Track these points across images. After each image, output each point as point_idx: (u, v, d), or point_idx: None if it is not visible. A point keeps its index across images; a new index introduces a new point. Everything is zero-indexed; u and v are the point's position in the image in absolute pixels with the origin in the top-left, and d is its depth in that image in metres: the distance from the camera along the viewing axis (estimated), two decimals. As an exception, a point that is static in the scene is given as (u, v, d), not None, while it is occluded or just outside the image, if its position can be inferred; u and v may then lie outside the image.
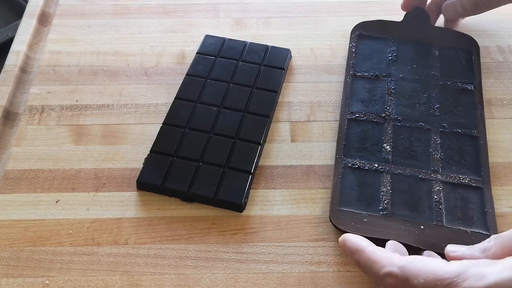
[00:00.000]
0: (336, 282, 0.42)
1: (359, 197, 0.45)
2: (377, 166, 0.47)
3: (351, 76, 0.54)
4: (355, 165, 0.47)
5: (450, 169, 0.47)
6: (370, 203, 0.45)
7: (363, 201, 0.45)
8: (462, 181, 0.46)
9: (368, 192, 0.46)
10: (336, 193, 0.46)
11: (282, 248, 0.44)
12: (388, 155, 0.48)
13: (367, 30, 0.58)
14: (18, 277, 0.42)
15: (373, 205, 0.45)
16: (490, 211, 0.44)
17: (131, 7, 0.63)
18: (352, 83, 0.54)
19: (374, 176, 0.47)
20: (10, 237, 0.44)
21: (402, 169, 0.47)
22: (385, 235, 0.42)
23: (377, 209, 0.44)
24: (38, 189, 0.47)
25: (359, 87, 0.53)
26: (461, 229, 0.43)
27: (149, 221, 0.45)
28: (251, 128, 0.50)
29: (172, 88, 0.55)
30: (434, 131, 0.50)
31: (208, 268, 0.43)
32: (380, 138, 0.49)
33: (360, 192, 0.46)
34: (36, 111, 0.53)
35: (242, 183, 0.46)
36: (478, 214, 0.44)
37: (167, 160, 0.48)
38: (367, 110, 0.51)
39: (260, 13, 0.63)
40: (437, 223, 0.44)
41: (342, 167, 0.47)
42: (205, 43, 0.58)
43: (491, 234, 0.43)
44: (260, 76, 0.54)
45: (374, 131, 0.50)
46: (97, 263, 0.43)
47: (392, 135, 0.49)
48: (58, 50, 0.59)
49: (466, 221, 0.44)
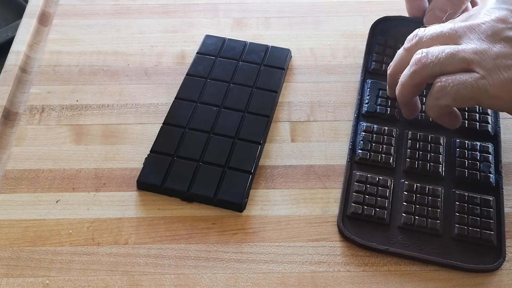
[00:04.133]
0: (336, 282, 0.42)
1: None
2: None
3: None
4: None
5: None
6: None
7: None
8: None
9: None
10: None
11: (282, 248, 0.44)
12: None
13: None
14: (18, 277, 0.42)
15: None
16: None
17: (131, 7, 0.63)
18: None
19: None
20: (10, 237, 0.44)
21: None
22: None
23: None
24: (38, 189, 0.47)
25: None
26: None
27: (149, 221, 0.45)
28: (251, 128, 0.50)
29: (172, 88, 0.55)
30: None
31: (208, 268, 0.43)
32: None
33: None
34: (36, 111, 0.53)
35: (242, 183, 0.46)
36: None
37: (167, 160, 0.48)
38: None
39: (260, 13, 0.63)
40: None
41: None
42: (205, 43, 0.58)
43: None
44: (260, 76, 0.54)
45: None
46: (97, 263, 0.43)
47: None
48: (58, 50, 0.59)
49: None
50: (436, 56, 0.41)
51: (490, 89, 0.38)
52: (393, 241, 0.43)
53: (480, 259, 0.42)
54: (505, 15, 0.40)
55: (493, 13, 0.41)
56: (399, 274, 0.42)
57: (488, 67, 0.38)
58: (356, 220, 0.45)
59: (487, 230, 0.43)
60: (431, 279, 0.42)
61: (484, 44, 0.39)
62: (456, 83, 0.40)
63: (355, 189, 0.46)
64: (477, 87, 0.39)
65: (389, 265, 0.43)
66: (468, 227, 0.44)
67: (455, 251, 0.43)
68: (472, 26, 0.41)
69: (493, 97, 0.39)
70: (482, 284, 0.42)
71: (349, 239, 0.44)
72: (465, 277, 0.42)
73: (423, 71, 0.42)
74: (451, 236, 0.44)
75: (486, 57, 0.39)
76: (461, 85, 0.39)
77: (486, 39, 0.40)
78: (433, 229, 0.44)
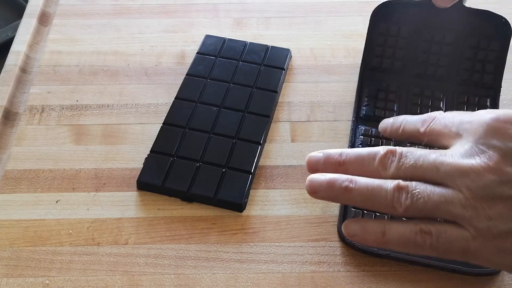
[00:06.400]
0: (336, 282, 0.42)
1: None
2: None
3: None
4: None
5: None
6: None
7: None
8: None
9: None
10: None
11: (282, 248, 0.44)
12: None
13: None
14: (18, 277, 0.42)
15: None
16: None
17: (131, 7, 0.63)
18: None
19: None
20: (10, 237, 0.44)
21: None
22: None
23: None
24: (38, 189, 0.47)
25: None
26: None
27: (149, 221, 0.45)
28: (251, 128, 0.50)
29: (172, 88, 0.55)
30: None
31: (208, 268, 0.43)
32: None
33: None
34: (36, 111, 0.53)
35: (242, 183, 0.46)
36: None
37: (167, 160, 0.48)
38: None
39: (260, 13, 0.63)
40: None
41: None
42: (205, 43, 0.58)
43: None
44: (260, 76, 0.54)
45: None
46: (97, 263, 0.43)
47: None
48: (58, 50, 0.59)
49: None
50: (422, 202, 0.34)
51: (482, 253, 0.34)
52: None
53: None
54: (497, 161, 0.33)
55: (482, 154, 0.33)
56: (399, 274, 0.42)
57: (480, 227, 0.33)
58: None
59: None
60: (431, 279, 0.42)
61: (474, 200, 0.33)
62: (444, 240, 0.34)
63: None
64: (468, 248, 0.33)
65: (389, 265, 0.43)
66: None
67: None
68: (460, 170, 0.33)
69: (483, 259, 0.34)
70: (483, 285, 0.42)
71: (350, 244, 0.43)
72: (466, 277, 0.42)
73: (406, 213, 0.35)
74: None
75: (478, 215, 0.33)
76: (450, 243, 0.34)
77: (477, 192, 0.33)
78: None
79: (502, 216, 0.33)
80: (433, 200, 0.34)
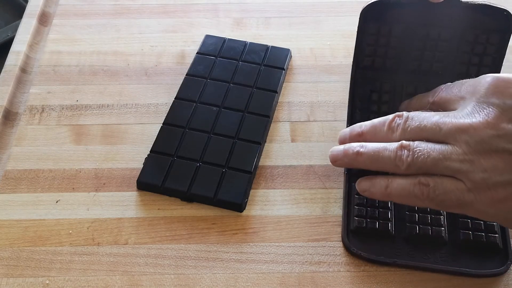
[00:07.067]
0: (336, 282, 0.42)
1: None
2: None
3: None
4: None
5: None
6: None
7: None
8: None
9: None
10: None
11: (282, 248, 0.44)
12: None
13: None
14: (18, 277, 0.42)
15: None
16: None
17: (131, 7, 0.63)
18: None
19: None
20: (10, 237, 0.44)
21: None
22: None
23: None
24: (38, 189, 0.47)
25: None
26: None
27: (149, 221, 0.45)
28: (251, 128, 0.50)
29: (172, 88, 0.55)
30: None
31: (208, 268, 0.43)
32: None
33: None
34: (36, 111, 0.53)
35: (242, 183, 0.46)
36: None
37: (167, 160, 0.48)
38: None
39: (260, 13, 0.63)
40: None
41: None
42: (205, 43, 0.58)
43: None
44: (260, 76, 0.54)
45: None
46: (97, 263, 0.43)
47: None
48: (58, 50, 0.59)
49: None
50: (422, 159, 0.37)
51: (477, 205, 0.36)
52: (399, 252, 0.43)
53: (487, 263, 0.42)
54: (494, 117, 0.35)
55: (482, 111, 0.36)
56: (399, 274, 0.42)
57: (475, 179, 0.35)
58: (361, 234, 0.44)
59: (492, 233, 0.43)
60: (431, 279, 0.42)
61: (472, 154, 0.35)
62: (441, 192, 0.36)
63: (356, 202, 0.45)
64: (463, 200, 0.36)
65: (389, 265, 0.43)
66: (472, 232, 0.43)
67: (462, 257, 0.43)
68: (460, 128, 0.36)
69: (478, 211, 0.36)
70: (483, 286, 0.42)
71: (356, 255, 0.43)
72: (472, 279, 0.42)
73: (408, 170, 0.38)
74: (457, 242, 0.43)
75: (474, 168, 0.35)
76: (446, 195, 0.36)
77: (475, 147, 0.35)
78: (438, 237, 0.43)
79: (497, 168, 0.35)
80: (433, 156, 0.36)
